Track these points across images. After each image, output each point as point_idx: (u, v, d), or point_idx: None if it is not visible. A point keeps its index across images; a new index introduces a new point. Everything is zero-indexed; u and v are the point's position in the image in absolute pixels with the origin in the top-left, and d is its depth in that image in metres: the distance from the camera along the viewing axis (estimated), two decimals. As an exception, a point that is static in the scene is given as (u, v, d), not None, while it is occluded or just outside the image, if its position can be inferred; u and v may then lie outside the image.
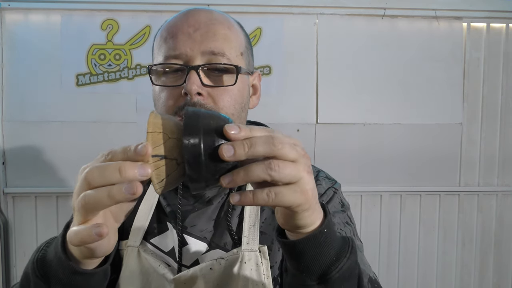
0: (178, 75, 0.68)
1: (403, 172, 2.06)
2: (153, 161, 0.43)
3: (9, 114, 1.93)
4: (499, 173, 2.12)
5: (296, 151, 0.45)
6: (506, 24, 2.07)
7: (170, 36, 0.68)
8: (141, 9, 1.91)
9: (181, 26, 0.68)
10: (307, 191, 0.45)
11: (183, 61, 0.67)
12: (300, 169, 0.44)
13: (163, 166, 0.43)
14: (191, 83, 0.65)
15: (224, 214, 0.73)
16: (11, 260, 1.98)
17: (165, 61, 0.68)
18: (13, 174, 1.95)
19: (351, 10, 1.99)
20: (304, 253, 0.49)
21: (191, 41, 0.67)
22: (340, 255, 0.51)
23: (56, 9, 1.91)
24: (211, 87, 0.68)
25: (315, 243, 0.49)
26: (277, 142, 0.43)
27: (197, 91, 0.66)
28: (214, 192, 0.74)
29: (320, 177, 0.78)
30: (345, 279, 0.51)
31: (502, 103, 2.10)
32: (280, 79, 1.99)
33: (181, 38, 0.67)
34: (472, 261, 2.13)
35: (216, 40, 0.68)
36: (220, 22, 0.70)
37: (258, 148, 0.43)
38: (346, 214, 0.75)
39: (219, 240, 0.72)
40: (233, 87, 0.69)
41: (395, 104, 2.04)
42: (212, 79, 0.68)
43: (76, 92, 1.93)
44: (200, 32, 0.67)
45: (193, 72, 0.66)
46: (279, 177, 0.43)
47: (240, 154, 0.42)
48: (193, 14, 0.70)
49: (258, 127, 0.46)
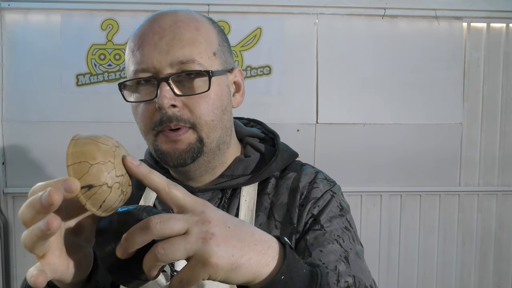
0: (150, 88, 0.66)
1: (403, 172, 2.06)
2: (82, 192, 0.42)
3: (9, 114, 1.93)
4: (499, 173, 2.12)
5: (184, 220, 0.42)
6: (506, 24, 2.07)
7: (137, 47, 0.66)
8: (141, 9, 1.91)
9: (146, 35, 0.66)
10: (209, 262, 0.40)
11: (152, 73, 0.65)
12: (192, 240, 0.41)
13: (94, 194, 0.42)
14: (162, 96, 0.62)
15: None
16: (11, 260, 1.98)
17: (134, 76, 0.66)
18: (13, 174, 1.95)
19: (351, 10, 1.99)
20: None
21: (157, 52, 0.64)
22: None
23: (56, 9, 1.91)
24: (185, 96, 0.65)
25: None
26: (153, 224, 0.41)
27: (170, 103, 0.63)
28: (208, 196, 0.73)
29: (318, 179, 0.75)
30: None
31: (502, 103, 2.10)
32: (280, 79, 1.99)
33: (147, 50, 0.64)
34: (472, 261, 2.13)
35: (183, 46, 0.64)
36: (186, 24, 0.66)
37: (137, 240, 0.41)
38: (345, 218, 0.72)
39: None
40: (209, 92, 0.65)
41: (395, 104, 2.04)
42: (185, 87, 0.65)
43: (76, 92, 1.93)
44: (166, 39, 0.64)
45: (164, 84, 0.63)
46: (172, 258, 0.41)
47: (125, 252, 0.42)
48: (157, 19, 0.67)
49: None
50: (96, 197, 0.42)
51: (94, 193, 0.42)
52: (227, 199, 0.73)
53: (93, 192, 0.42)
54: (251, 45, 1.96)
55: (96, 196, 0.42)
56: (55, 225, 0.39)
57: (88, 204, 0.42)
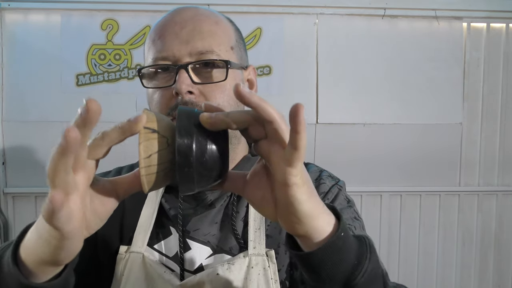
0: (168, 76, 0.68)
1: (403, 172, 2.06)
2: (144, 132, 0.42)
3: (9, 114, 1.93)
4: (499, 173, 2.12)
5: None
6: (506, 24, 2.07)
7: (158, 37, 0.68)
8: (141, 9, 1.91)
9: (168, 25, 0.68)
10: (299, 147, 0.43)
11: (171, 62, 0.67)
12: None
13: (154, 139, 0.42)
14: (181, 82, 0.64)
15: (228, 218, 0.72)
16: (11, 260, 1.98)
17: (154, 63, 0.68)
18: (13, 174, 1.95)
19: (351, 10, 1.99)
20: (324, 263, 0.46)
21: (178, 41, 0.66)
22: (361, 257, 0.48)
23: (56, 9, 1.91)
24: (202, 84, 0.67)
25: (334, 250, 0.46)
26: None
27: (187, 89, 0.65)
28: (216, 195, 0.73)
29: (324, 175, 0.77)
30: (370, 282, 0.49)
31: (502, 103, 2.10)
32: (280, 79, 1.99)
33: (168, 38, 0.67)
34: (472, 261, 2.13)
35: (203, 38, 0.67)
36: (206, 17, 0.69)
37: (236, 114, 0.45)
38: (353, 209, 0.74)
39: (224, 244, 0.71)
40: (225, 82, 0.67)
41: (395, 104, 2.04)
42: (202, 76, 0.68)
43: (76, 92, 1.93)
44: (187, 30, 0.67)
45: (183, 70, 0.65)
46: (261, 110, 0.45)
47: (219, 118, 0.44)
48: (179, 12, 0.70)
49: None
50: (152, 143, 0.42)
51: (153, 138, 0.42)
52: (235, 197, 0.73)
53: (153, 136, 0.42)
54: (251, 45, 1.96)
55: (153, 142, 0.42)
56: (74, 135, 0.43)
57: (142, 146, 0.42)
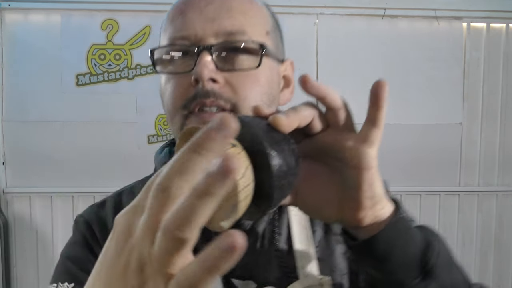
0: (187, 61, 0.53)
1: (403, 172, 2.06)
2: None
3: (9, 114, 1.93)
4: (499, 173, 2.12)
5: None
6: (506, 24, 2.07)
7: (178, 14, 0.55)
8: (141, 9, 1.91)
9: (191, 0, 0.55)
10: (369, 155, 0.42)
11: (192, 43, 0.53)
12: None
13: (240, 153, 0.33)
14: (202, 65, 0.50)
15: (269, 242, 0.58)
16: (11, 260, 1.98)
17: (171, 43, 0.54)
18: (13, 174, 1.95)
19: (351, 10, 1.99)
20: (393, 246, 0.41)
21: (203, 18, 0.53)
22: (428, 238, 0.43)
23: (56, 9, 1.91)
24: (229, 72, 0.52)
25: (401, 228, 0.41)
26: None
27: (210, 76, 0.51)
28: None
29: None
30: (448, 264, 0.44)
31: (502, 103, 2.10)
32: (280, 79, 1.99)
33: (190, 15, 0.53)
34: (472, 261, 2.13)
35: (232, 16, 0.53)
36: None
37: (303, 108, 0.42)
38: None
39: (269, 275, 0.57)
40: (258, 72, 0.54)
41: (395, 104, 2.04)
42: (229, 62, 0.53)
43: (76, 92, 1.93)
44: (213, 6, 0.53)
45: (205, 52, 0.51)
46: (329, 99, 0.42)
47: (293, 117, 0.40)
48: None
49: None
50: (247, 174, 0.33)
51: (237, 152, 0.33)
52: (277, 215, 0.59)
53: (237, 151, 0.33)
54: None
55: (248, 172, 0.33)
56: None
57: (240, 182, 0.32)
